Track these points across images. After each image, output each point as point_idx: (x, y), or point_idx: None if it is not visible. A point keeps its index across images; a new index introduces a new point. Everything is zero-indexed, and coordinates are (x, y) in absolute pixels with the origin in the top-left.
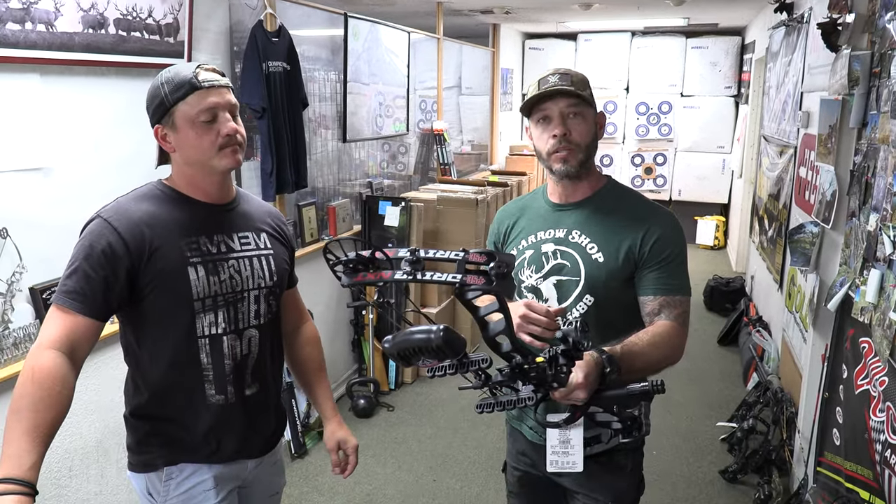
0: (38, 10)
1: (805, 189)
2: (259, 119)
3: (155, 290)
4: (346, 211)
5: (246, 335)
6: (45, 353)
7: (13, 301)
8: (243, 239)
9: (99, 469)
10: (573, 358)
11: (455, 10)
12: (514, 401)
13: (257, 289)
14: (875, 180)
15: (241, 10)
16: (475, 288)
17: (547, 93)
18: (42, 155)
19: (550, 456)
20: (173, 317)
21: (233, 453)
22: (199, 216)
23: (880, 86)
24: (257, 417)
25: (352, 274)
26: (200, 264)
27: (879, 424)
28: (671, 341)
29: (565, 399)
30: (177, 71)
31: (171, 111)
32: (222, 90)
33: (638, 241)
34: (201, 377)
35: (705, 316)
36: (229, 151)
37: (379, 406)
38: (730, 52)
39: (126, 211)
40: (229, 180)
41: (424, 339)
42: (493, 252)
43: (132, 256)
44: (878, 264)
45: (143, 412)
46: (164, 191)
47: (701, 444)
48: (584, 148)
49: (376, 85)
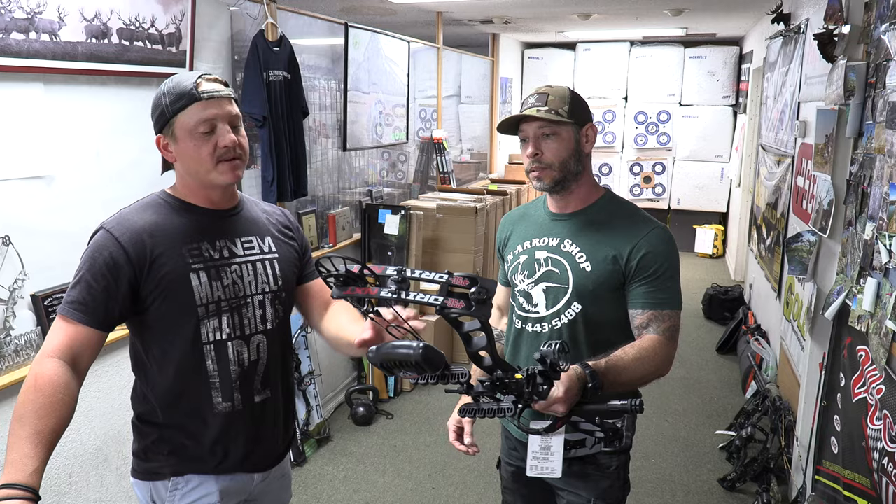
0: (43, 19)
1: (802, 198)
2: (260, 128)
3: (158, 298)
4: (346, 219)
5: (253, 341)
6: (47, 362)
7: (15, 308)
8: (247, 244)
9: (98, 476)
10: (551, 378)
11: (455, 19)
12: (494, 410)
13: (261, 293)
14: (871, 189)
15: (243, 19)
16: (455, 312)
17: (521, 116)
18: (45, 163)
19: (531, 461)
20: (178, 324)
21: (239, 463)
22: (202, 222)
23: (876, 96)
24: (266, 425)
25: (342, 287)
26: (203, 270)
27: (877, 432)
28: (657, 355)
29: (546, 410)
30: (178, 81)
31: (172, 121)
32: (223, 101)
33: (626, 253)
34: (208, 384)
35: (704, 324)
36: (228, 166)
37: (378, 414)
38: (728, 61)
39: (128, 221)
40: (232, 186)
41: (405, 354)
42: (476, 277)
43: (134, 266)
44: (874, 273)
45: (151, 419)
46: (166, 200)
47: (699, 453)
48: (559, 166)
49: (376, 94)
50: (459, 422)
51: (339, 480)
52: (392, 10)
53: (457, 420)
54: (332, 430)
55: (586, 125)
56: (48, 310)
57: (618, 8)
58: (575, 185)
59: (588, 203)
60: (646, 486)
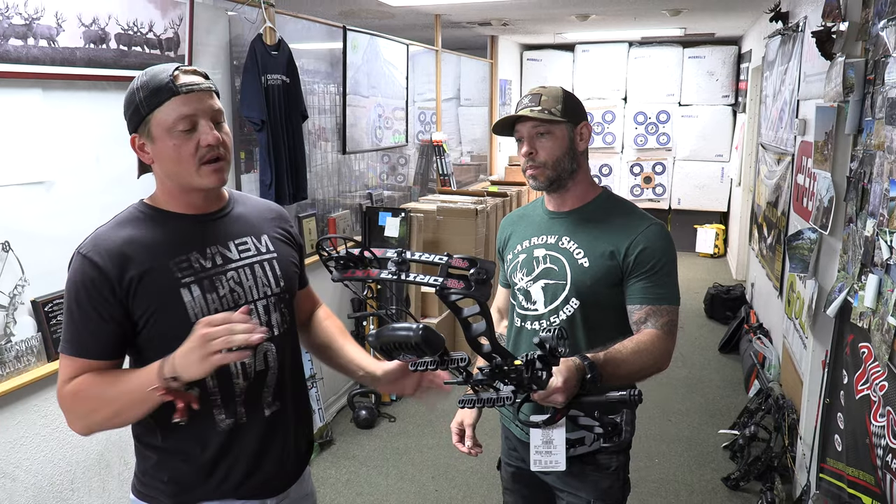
0: (41, 25)
1: (803, 196)
2: (258, 132)
3: (150, 319)
4: (346, 222)
5: (261, 350)
6: (68, 386)
7: (15, 314)
8: (241, 246)
9: (101, 482)
10: (550, 364)
11: (453, 22)
12: (493, 399)
13: (265, 298)
14: (871, 186)
15: (241, 24)
16: (455, 291)
17: (515, 117)
18: (44, 168)
19: (534, 455)
20: (172, 346)
21: (241, 483)
22: (187, 231)
23: (875, 92)
24: (276, 440)
25: (342, 270)
26: (195, 283)
27: (880, 429)
28: (655, 349)
29: (544, 401)
30: (154, 73)
31: (148, 119)
32: (203, 95)
33: (623, 249)
34: (208, 402)
35: (706, 324)
36: (210, 169)
37: (380, 417)
38: (726, 61)
39: (104, 241)
40: (217, 189)
41: (405, 335)
42: (474, 259)
43: (116, 289)
44: (875, 269)
45: (151, 441)
46: (144, 211)
47: (703, 452)
48: (553, 164)
49: (375, 97)
50: (461, 424)
51: (342, 484)
52: (390, 13)
53: (458, 422)
54: (334, 434)
55: (580, 124)
56: (48, 316)
57: (616, 9)
58: (571, 184)
59: (585, 201)
60: (649, 486)
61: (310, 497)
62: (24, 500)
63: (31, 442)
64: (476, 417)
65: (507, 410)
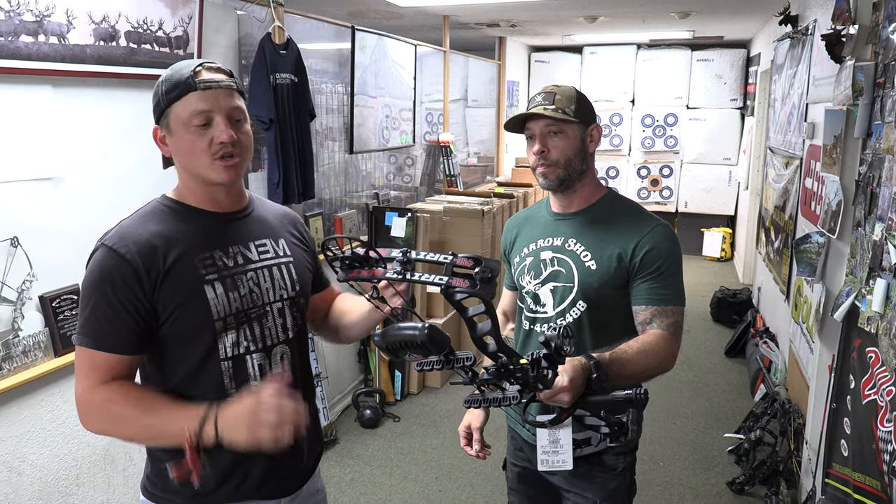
0: (51, 22)
1: (811, 199)
2: (266, 130)
3: (172, 315)
4: (353, 222)
5: (276, 353)
6: (99, 390)
7: (23, 309)
8: (261, 247)
9: (106, 477)
10: (555, 362)
11: (461, 23)
12: (499, 399)
13: (280, 300)
14: (880, 190)
15: (250, 22)
16: (460, 290)
17: (527, 114)
18: (53, 165)
19: (541, 455)
20: (192, 342)
21: (259, 486)
22: (212, 228)
23: (884, 96)
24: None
25: (348, 270)
26: (218, 281)
27: (887, 434)
28: (661, 349)
29: (550, 401)
30: (178, 68)
31: (167, 112)
32: (221, 92)
33: (629, 250)
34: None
35: (712, 328)
36: (223, 165)
37: (385, 416)
38: (735, 64)
39: (131, 235)
40: (240, 184)
41: (410, 335)
42: (479, 257)
43: (143, 283)
44: (884, 273)
45: (164, 447)
46: (169, 206)
47: (708, 456)
48: (564, 164)
49: (383, 97)
50: (469, 427)
51: (346, 483)
52: (399, 13)
53: (466, 426)
54: (338, 433)
55: (591, 125)
56: (56, 311)
57: (624, 11)
58: (579, 185)
59: (591, 202)
60: (654, 490)
61: (320, 492)
62: (29, 494)
63: (37, 437)
64: (483, 420)
65: (514, 411)
